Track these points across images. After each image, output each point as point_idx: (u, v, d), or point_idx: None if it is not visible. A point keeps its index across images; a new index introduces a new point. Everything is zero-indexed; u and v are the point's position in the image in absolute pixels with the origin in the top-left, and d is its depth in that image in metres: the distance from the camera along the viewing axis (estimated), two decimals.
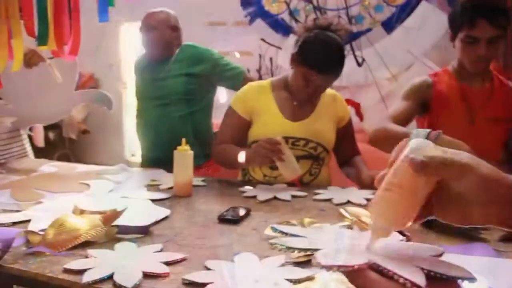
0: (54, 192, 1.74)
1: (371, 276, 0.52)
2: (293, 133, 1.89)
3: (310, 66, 1.79)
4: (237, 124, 1.97)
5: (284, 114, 1.93)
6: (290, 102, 1.95)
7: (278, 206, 1.63)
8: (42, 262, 1.13)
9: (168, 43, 2.35)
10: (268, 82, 2.02)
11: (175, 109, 2.31)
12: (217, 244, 1.25)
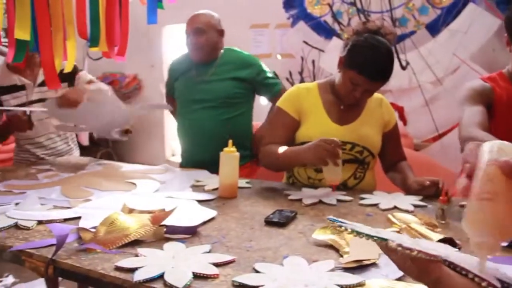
0: (101, 190, 1.78)
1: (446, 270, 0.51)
2: (339, 136, 1.86)
3: (359, 70, 1.76)
4: (287, 124, 1.94)
5: (331, 118, 1.91)
6: (337, 106, 1.93)
7: (324, 210, 1.61)
8: (94, 258, 1.15)
9: (215, 46, 2.36)
10: (315, 85, 2.00)
11: (219, 112, 2.31)
12: (265, 246, 1.25)
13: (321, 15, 3.94)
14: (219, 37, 2.36)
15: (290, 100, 1.97)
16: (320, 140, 1.70)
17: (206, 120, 2.34)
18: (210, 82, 2.33)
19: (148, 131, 4.71)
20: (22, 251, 1.22)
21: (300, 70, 3.89)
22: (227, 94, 2.30)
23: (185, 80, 2.44)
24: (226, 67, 2.33)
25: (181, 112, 2.48)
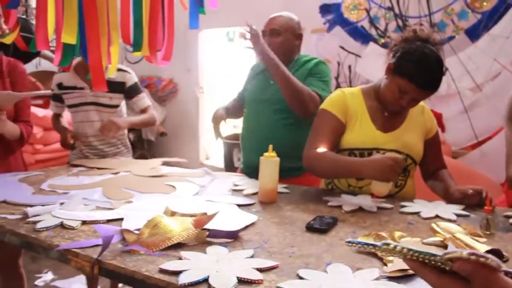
0: (141, 192, 1.81)
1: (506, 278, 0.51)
2: (384, 144, 1.84)
3: (410, 79, 1.73)
4: (335, 127, 1.89)
5: (376, 125, 1.88)
6: (381, 112, 1.90)
7: (364, 217, 1.59)
8: (138, 260, 1.17)
9: (290, 49, 2.29)
10: (359, 90, 1.98)
11: (283, 115, 2.25)
12: (307, 253, 1.24)
13: (357, 20, 3.91)
14: (295, 40, 2.30)
15: (338, 102, 1.92)
16: (389, 159, 1.64)
17: (270, 122, 2.27)
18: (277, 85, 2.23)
19: (183, 134, 4.76)
20: (68, 250, 1.25)
21: (336, 75, 3.87)
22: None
23: (257, 81, 2.40)
24: (296, 71, 2.26)
25: (247, 113, 2.44)
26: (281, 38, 2.25)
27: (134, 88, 2.58)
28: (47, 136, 4.01)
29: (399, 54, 1.78)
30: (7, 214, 1.55)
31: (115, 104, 2.56)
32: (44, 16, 1.64)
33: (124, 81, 2.54)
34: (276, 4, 4.14)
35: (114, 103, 2.55)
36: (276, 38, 2.24)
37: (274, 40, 2.24)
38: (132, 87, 2.57)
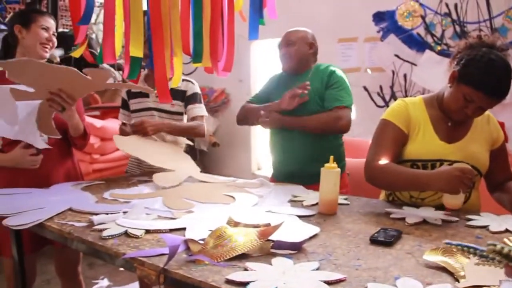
0: (201, 202, 1.82)
1: None
2: (448, 155, 1.78)
3: (477, 87, 1.66)
4: (397, 138, 1.84)
5: (439, 135, 1.82)
6: (445, 122, 1.84)
7: (429, 230, 1.54)
8: (203, 270, 1.17)
9: (304, 58, 2.39)
10: (420, 99, 1.92)
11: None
12: (374, 266, 1.21)
13: (412, 27, 3.82)
14: (308, 50, 2.40)
15: (400, 113, 1.87)
16: (456, 169, 1.59)
17: (294, 132, 2.31)
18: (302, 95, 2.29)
19: (234, 144, 4.79)
20: (134, 258, 1.27)
21: (391, 84, 3.78)
22: (312, 107, 2.28)
23: (277, 92, 2.43)
24: (313, 81, 2.32)
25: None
26: (295, 47, 2.37)
27: (193, 97, 2.61)
28: (104, 146, 4.12)
29: (464, 62, 1.72)
30: (74, 222, 1.60)
31: (177, 111, 2.59)
32: (111, 30, 1.69)
33: (186, 90, 2.59)
34: (327, 14, 4.13)
35: (176, 110, 2.58)
36: (290, 48, 2.37)
37: (289, 50, 2.37)
38: (192, 95, 2.61)
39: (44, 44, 2.08)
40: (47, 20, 2.10)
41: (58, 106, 1.90)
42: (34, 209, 1.71)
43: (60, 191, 2.02)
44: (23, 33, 2.08)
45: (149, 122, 2.41)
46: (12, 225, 1.58)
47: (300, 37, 2.40)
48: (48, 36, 2.08)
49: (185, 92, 2.59)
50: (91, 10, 1.70)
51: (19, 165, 2.02)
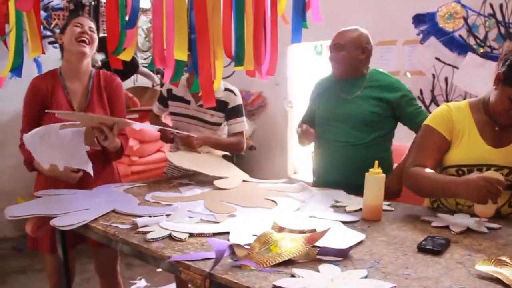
0: (243, 206, 1.82)
1: None
2: (495, 160, 1.73)
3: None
4: (438, 144, 1.82)
5: (485, 140, 1.77)
6: (491, 127, 1.78)
7: (478, 239, 1.49)
8: (249, 276, 1.16)
9: (355, 63, 2.26)
10: (466, 104, 1.87)
11: (357, 133, 2.23)
12: (424, 275, 1.18)
13: (454, 29, 3.72)
14: (360, 55, 2.25)
15: (442, 118, 1.84)
16: (484, 179, 1.54)
17: (340, 140, 2.26)
18: (352, 101, 2.26)
19: (271, 148, 4.78)
20: (180, 262, 1.28)
21: (432, 88, 3.70)
22: (367, 116, 2.22)
23: (327, 97, 2.38)
24: (371, 87, 2.25)
25: (319, 130, 2.39)
26: (345, 52, 2.23)
27: (235, 110, 2.60)
28: (143, 148, 4.18)
29: (509, 63, 1.66)
30: (118, 224, 1.62)
31: (216, 122, 2.59)
32: (160, 34, 1.71)
33: (228, 102, 2.57)
34: (366, 16, 4.08)
35: (215, 120, 2.58)
36: (341, 52, 2.24)
37: (337, 54, 2.25)
38: (234, 108, 2.59)
39: (79, 38, 2.09)
40: (80, 19, 2.14)
41: (101, 134, 1.99)
42: (79, 210, 1.74)
43: (103, 193, 2.05)
44: (62, 38, 2.13)
45: (196, 138, 2.47)
46: (59, 225, 1.61)
47: (351, 40, 2.24)
48: (81, 30, 2.09)
49: (227, 104, 2.57)
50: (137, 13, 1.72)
51: (58, 177, 2.07)
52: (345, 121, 2.25)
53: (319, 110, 2.41)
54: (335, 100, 2.32)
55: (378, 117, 2.22)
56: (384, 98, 2.21)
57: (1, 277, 3.55)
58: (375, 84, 2.26)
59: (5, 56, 1.97)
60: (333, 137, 2.28)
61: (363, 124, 2.22)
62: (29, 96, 2.14)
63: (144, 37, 4.84)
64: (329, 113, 2.33)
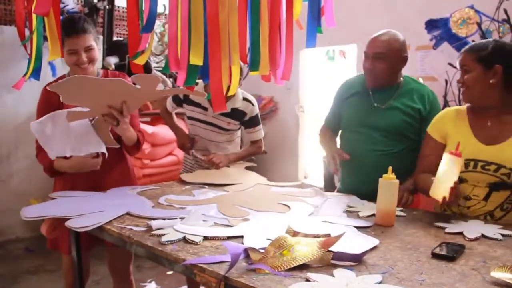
0: (256, 210, 1.82)
1: None
2: (483, 156, 1.76)
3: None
4: (434, 149, 1.91)
5: (477, 137, 1.81)
6: (484, 124, 1.82)
7: (493, 245, 1.49)
8: (264, 279, 1.17)
9: (395, 74, 2.15)
10: (466, 106, 1.92)
11: (385, 143, 2.14)
12: (439, 281, 1.18)
13: (467, 35, 3.71)
14: (400, 64, 2.13)
15: (435, 124, 1.95)
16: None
17: (370, 149, 2.16)
18: (385, 110, 2.15)
19: (282, 152, 4.78)
20: (195, 265, 1.29)
21: (444, 94, 3.69)
22: (399, 126, 2.13)
23: (357, 103, 2.25)
24: (404, 97, 2.15)
25: (345, 136, 2.33)
26: (386, 64, 2.07)
27: (254, 120, 2.68)
28: (155, 152, 4.21)
29: None
30: (133, 226, 1.63)
31: (232, 128, 2.67)
32: (175, 39, 1.73)
33: (246, 112, 2.63)
34: (379, 21, 4.07)
35: (230, 127, 2.65)
36: (380, 63, 2.07)
37: (378, 66, 2.08)
38: (252, 118, 2.66)
39: (78, 65, 2.05)
40: (72, 42, 2.00)
41: (113, 120, 1.97)
42: (94, 212, 1.75)
43: (117, 195, 2.07)
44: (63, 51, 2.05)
45: (219, 158, 2.55)
46: (74, 227, 1.63)
47: (394, 50, 2.07)
48: (76, 59, 2.03)
49: (245, 114, 2.63)
50: (154, 17, 1.74)
51: (82, 170, 2.08)
52: (376, 130, 2.15)
53: (347, 116, 2.30)
54: (366, 107, 2.21)
55: (410, 127, 2.13)
56: (417, 108, 2.12)
57: (14, 278, 3.59)
58: (408, 92, 2.16)
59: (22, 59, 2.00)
60: (362, 145, 2.18)
61: (394, 133, 2.13)
62: (41, 105, 2.15)
63: (157, 41, 4.88)
64: (360, 119, 2.22)
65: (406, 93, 2.16)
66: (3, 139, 4.36)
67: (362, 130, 2.19)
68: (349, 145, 2.26)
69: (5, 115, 4.34)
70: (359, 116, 2.23)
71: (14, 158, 4.44)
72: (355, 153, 2.18)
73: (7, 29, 4.25)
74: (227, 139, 2.69)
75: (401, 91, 2.17)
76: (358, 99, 2.25)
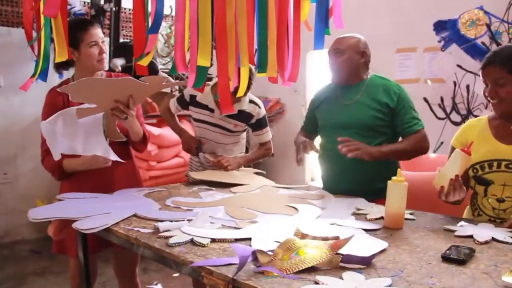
0: (264, 212, 1.81)
1: None
2: (505, 156, 1.76)
3: None
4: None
5: (498, 138, 1.82)
6: (505, 127, 1.82)
7: (503, 249, 1.46)
8: (273, 282, 1.16)
9: (355, 68, 2.24)
10: (487, 116, 1.93)
11: (361, 138, 2.13)
12: (449, 285, 1.16)
13: (476, 36, 3.69)
14: (359, 59, 2.23)
15: (457, 136, 1.97)
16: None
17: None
18: (353, 107, 2.23)
19: (289, 154, 4.75)
20: (202, 267, 1.28)
21: (453, 96, 3.67)
22: (369, 121, 2.18)
23: (328, 104, 2.35)
24: (369, 92, 2.22)
25: (322, 139, 2.38)
26: (344, 57, 2.21)
27: (261, 122, 2.69)
28: (161, 153, 4.21)
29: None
30: (140, 228, 1.63)
31: (238, 130, 2.67)
32: (182, 40, 1.72)
33: (253, 115, 2.63)
34: (386, 23, 4.07)
35: (237, 129, 2.65)
36: (339, 57, 2.22)
37: (337, 59, 2.23)
38: (259, 121, 2.67)
39: (99, 59, 2.12)
40: (92, 34, 2.09)
41: (121, 114, 1.98)
42: (101, 214, 1.75)
43: (124, 197, 2.06)
44: (75, 55, 2.10)
45: (227, 161, 2.56)
46: (81, 228, 1.63)
47: (350, 45, 2.22)
48: (99, 50, 2.10)
49: (252, 117, 2.64)
50: (161, 18, 1.74)
51: (92, 167, 2.08)
52: (347, 128, 2.20)
53: (321, 118, 2.38)
54: (336, 107, 2.28)
55: (380, 121, 2.18)
56: (384, 102, 2.17)
57: (20, 279, 3.60)
58: (375, 88, 2.23)
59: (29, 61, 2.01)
60: (336, 145, 2.15)
61: (365, 130, 2.17)
62: (47, 109, 2.15)
63: (163, 43, 4.88)
64: (331, 120, 2.29)
65: (372, 88, 2.24)
66: (10, 140, 4.38)
67: (334, 131, 2.23)
68: (326, 146, 2.32)
69: (12, 117, 4.36)
70: (330, 118, 2.31)
71: (21, 159, 4.46)
72: (332, 153, 2.21)
73: (15, 31, 4.28)
74: (233, 140, 2.69)
75: (367, 88, 2.25)
76: (329, 102, 2.35)
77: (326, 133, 2.34)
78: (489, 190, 1.81)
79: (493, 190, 1.80)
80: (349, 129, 2.19)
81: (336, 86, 2.33)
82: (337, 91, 2.33)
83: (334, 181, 2.31)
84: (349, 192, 2.14)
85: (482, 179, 1.81)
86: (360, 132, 2.18)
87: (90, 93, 1.91)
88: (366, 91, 2.23)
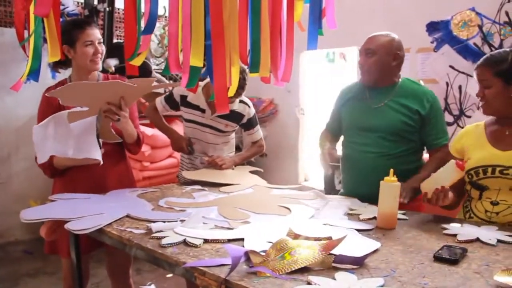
0: (257, 213, 1.81)
1: None
2: (500, 162, 1.76)
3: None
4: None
5: (493, 145, 1.82)
6: (501, 133, 1.83)
7: (495, 249, 1.47)
8: (265, 283, 1.16)
9: (386, 71, 2.13)
10: (483, 121, 1.93)
11: (385, 144, 2.11)
12: (441, 285, 1.17)
13: (468, 37, 3.71)
14: (391, 62, 2.12)
15: (454, 142, 2.00)
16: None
17: (366, 151, 2.15)
18: (381, 110, 2.15)
19: (282, 154, 4.78)
20: (195, 268, 1.28)
21: (445, 97, 3.68)
22: (396, 126, 2.10)
23: (353, 105, 2.27)
24: (401, 97, 2.13)
25: (346, 140, 2.33)
26: (375, 58, 2.11)
27: (252, 122, 2.70)
28: (154, 154, 4.20)
29: None
30: (133, 228, 1.62)
31: (229, 130, 2.68)
32: (175, 41, 1.72)
33: (244, 114, 2.64)
34: (379, 23, 4.06)
35: (228, 129, 2.66)
36: (370, 58, 2.12)
37: (367, 60, 2.13)
38: (250, 120, 2.68)
39: (93, 59, 2.12)
40: (88, 33, 2.09)
41: (113, 115, 1.99)
42: (94, 215, 1.74)
43: (117, 198, 2.06)
44: (71, 53, 2.11)
45: (222, 160, 2.57)
46: (74, 229, 1.62)
47: (382, 45, 2.11)
48: (94, 50, 2.10)
49: (243, 117, 2.64)
50: (155, 19, 1.73)
51: (84, 162, 2.07)
52: (374, 131, 2.14)
53: (346, 118, 2.31)
54: (363, 109, 2.21)
55: (408, 127, 2.11)
56: (415, 109, 2.10)
57: (13, 280, 3.58)
58: (405, 93, 2.14)
59: (22, 61, 2.00)
60: (361, 147, 2.17)
61: (391, 134, 2.11)
62: (42, 110, 2.15)
63: (157, 43, 4.87)
64: (357, 122, 2.23)
65: (403, 93, 2.14)
66: (3, 140, 4.36)
67: (359, 133, 2.20)
68: (349, 148, 2.27)
69: (5, 117, 4.34)
70: (356, 119, 2.24)
71: (14, 159, 4.43)
72: (353, 156, 2.21)
73: (7, 31, 4.25)
74: (224, 140, 2.69)
75: (397, 92, 2.15)
76: (355, 102, 2.26)
77: (351, 134, 2.28)
78: (484, 194, 1.82)
79: (488, 194, 1.80)
80: (375, 133, 2.15)
81: (364, 86, 2.24)
82: (365, 92, 2.24)
83: (355, 184, 2.24)
84: (370, 196, 1.94)
85: (477, 185, 1.82)
86: (386, 136, 2.13)
87: (80, 97, 1.93)
88: (396, 95, 2.15)
